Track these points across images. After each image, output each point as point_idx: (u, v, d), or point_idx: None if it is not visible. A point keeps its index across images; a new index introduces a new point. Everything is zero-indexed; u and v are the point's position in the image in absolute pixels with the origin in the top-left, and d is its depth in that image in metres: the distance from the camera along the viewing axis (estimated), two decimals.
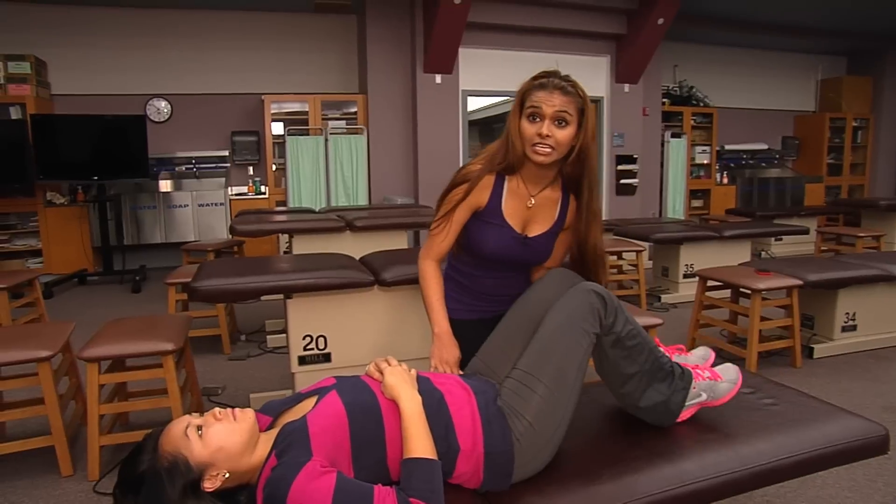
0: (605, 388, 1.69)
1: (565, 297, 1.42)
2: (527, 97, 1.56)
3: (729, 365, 1.62)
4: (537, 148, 1.56)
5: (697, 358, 1.67)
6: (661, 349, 1.55)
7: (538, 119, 1.54)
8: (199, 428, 1.15)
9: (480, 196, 1.66)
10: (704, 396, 1.52)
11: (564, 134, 1.54)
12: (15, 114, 5.69)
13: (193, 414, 1.21)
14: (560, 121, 1.54)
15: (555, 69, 1.60)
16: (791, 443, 1.45)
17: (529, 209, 1.69)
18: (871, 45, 8.96)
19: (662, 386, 1.47)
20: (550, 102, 1.52)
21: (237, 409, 1.20)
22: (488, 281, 1.79)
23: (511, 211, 1.68)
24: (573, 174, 1.65)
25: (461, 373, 1.64)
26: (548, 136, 1.53)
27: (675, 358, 1.64)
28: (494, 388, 1.38)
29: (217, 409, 1.20)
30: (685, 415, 1.52)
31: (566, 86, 1.55)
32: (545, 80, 1.55)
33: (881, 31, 8.45)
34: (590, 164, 1.63)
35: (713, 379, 1.55)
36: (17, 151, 5.45)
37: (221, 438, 1.14)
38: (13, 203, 5.82)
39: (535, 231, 1.71)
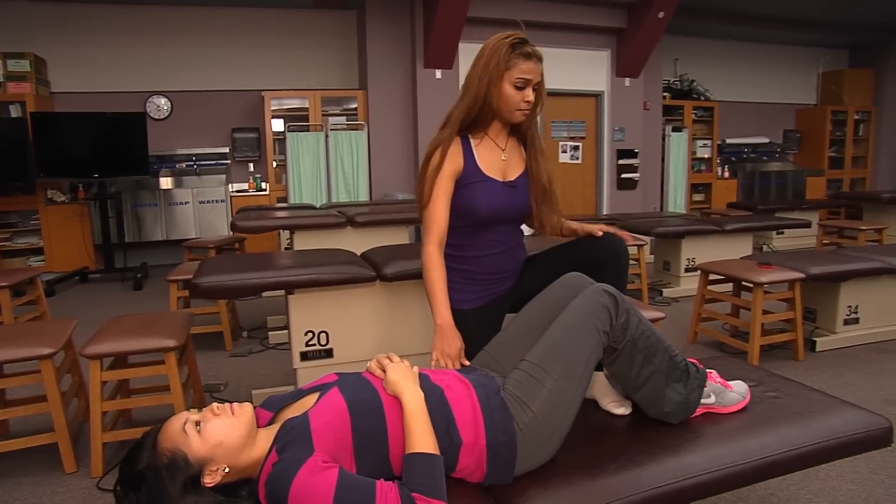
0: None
1: (578, 298, 1.45)
2: (513, 67, 1.70)
3: (740, 381, 1.63)
4: (523, 111, 1.75)
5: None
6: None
7: (524, 87, 1.71)
8: (198, 423, 1.15)
9: (456, 161, 1.76)
10: (713, 399, 1.54)
11: (535, 95, 1.75)
12: (15, 112, 5.69)
13: (192, 410, 1.21)
14: (535, 87, 1.74)
15: (523, 34, 1.73)
16: (794, 435, 1.44)
17: (504, 161, 1.83)
18: (873, 38, 8.93)
19: (679, 385, 1.48)
20: (535, 73, 1.71)
21: (235, 404, 1.20)
22: (490, 256, 1.85)
23: (487, 165, 1.79)
24: (526, 124, 1.83)
25: (467, 363, 1.64)
26: (531, 100, 1.72)
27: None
28: (495, 382, 1.38)
29: (215, 405, 1.19)
30: (695, 413, 1.53)
31: (541, 54, 1.74)
32: (529, 51, 1.70)
33: (883, 23, 8.42)
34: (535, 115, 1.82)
35: (724, 385, 1.58)
36: (17, 149, 5.45)
37: (220, 433, 1.14)
38: (14, 201, 5.82)
39: (513, 175, 1.84)
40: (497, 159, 1.81)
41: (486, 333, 1.71)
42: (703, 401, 1.52)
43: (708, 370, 1.59)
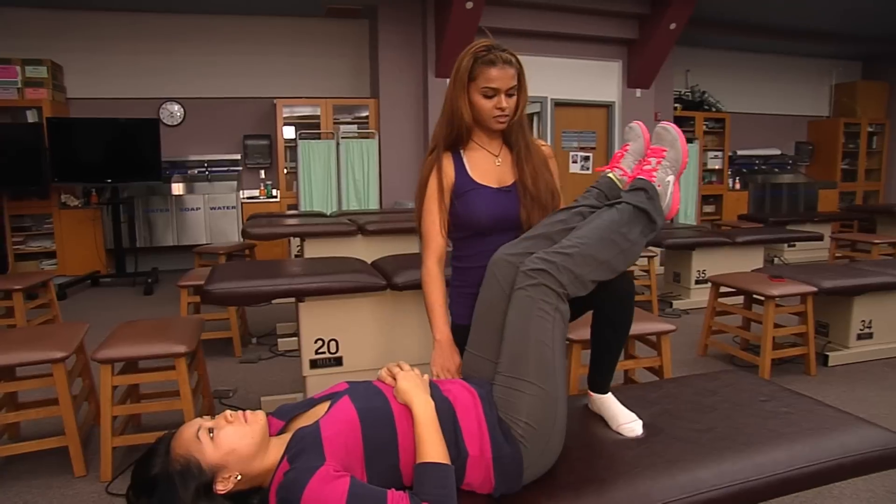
0: (618, 393, 1.68)
1: (514, 296, 1.40)
2: (478, 75, 1.65)
3: (658, 129, 1.63)
4: (498, 119, 1.69)
5: (634, 154, 1.68)
6: (619, 173, 1.64)
7: (494, 95, 1.66)
8: (211, 430, 1.15)
9: (447, 176, 1.74)
10: (671, 177, 1.57)
11: (513, 101, 1.69)
12: (31, 117, 5.77)
13: (205, 416, 1.21)
14: (510, 92, 1.67)
15: (491, 41, 1.67)
16: (807, 452, 1.42)
17: (499, 167, 1.79)
18: (887, 50, 8.87)
19: (647, 230, 1.49)
20: (504, 79, 1.64)
21: (248, 412, 1.20)
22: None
23: (480, 174, 1.76)
24: (510, 128, 1.76)
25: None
26: (505, 107, 1.66)
27: (616, 173, 1.67)
28: (492, 394, 1.38)
29: (228, 412, 1.20)
30: (674, 202, 1.57)
31: (510, 58, 1.65)
32: (493, 56, 1.64)
33: None
34: (523, 116, 1.76)
35: (659, 161, 1.58)
36: (33, 154, 5.52)
37: (233, 441, 1.14)
38: (28, 205, 5.89)
39: (509, 181, 1.79)
40: (491, 166, 1.77)
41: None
42: (669, 189, 1.55)
43: (638, 167, 1.61)
